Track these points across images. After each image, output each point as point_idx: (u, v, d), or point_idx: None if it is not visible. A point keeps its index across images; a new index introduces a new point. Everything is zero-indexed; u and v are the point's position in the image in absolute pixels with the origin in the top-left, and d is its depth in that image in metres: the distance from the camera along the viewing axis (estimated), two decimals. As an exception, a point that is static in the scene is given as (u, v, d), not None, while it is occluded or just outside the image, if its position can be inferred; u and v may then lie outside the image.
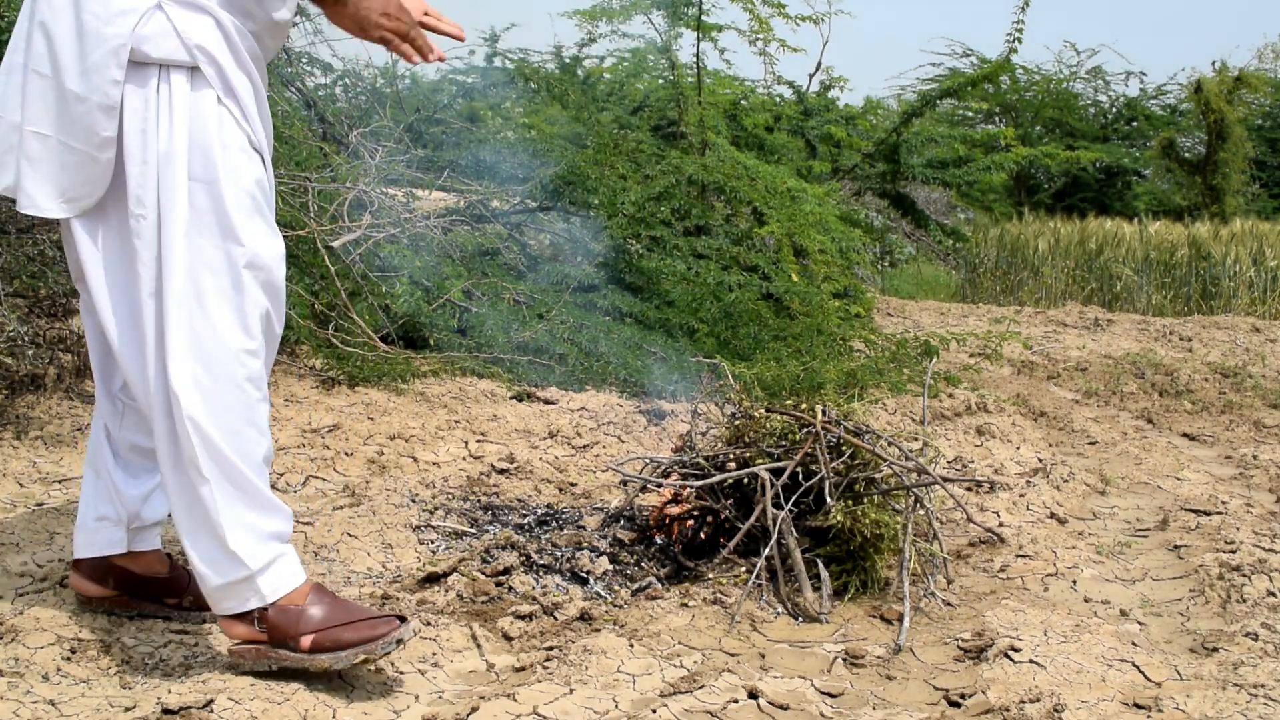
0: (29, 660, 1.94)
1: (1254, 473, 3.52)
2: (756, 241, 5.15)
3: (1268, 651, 2.15)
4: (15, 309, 3.43)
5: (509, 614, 2.29)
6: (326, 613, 1.89)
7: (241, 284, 1.83)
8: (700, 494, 2.62)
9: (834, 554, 2.53)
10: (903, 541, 2.48)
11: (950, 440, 3.81)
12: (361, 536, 2.67)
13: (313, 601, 1.89)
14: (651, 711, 1.93)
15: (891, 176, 7.57)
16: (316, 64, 6.25)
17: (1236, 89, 13.87)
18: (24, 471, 2.91)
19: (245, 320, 1.83)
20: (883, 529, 2.48)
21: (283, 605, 1.87)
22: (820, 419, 2.55)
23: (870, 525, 2.47)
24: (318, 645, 1.86)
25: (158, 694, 1.86)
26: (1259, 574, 2.54)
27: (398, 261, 4.39)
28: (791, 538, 2.47)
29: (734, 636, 2.30)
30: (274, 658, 1.88)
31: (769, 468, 2.53)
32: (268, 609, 1.87)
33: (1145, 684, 2.10)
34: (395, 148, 5.53)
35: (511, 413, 3.77)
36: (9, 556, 2.39)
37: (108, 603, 2.13)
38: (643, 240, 5.12)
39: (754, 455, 2.62)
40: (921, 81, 16.47)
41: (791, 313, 4.78)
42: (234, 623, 1.90)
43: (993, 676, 2.10)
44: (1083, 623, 2.37)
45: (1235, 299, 9.70)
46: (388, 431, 3.41)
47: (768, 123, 6.77)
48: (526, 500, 3.08)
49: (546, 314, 4.50)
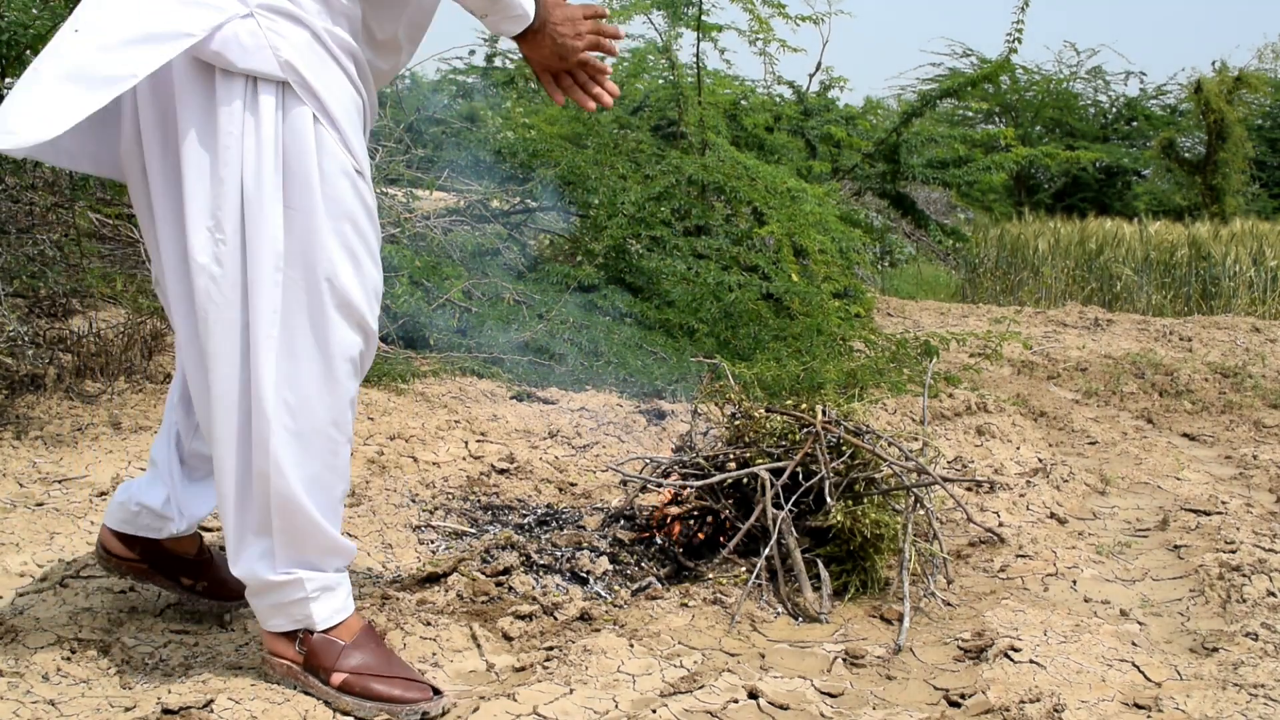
0: (29, 660, 1.94)
1: (1254, 473, 3.52)
2: (756, 241, 5.15)
3: (1268, 651, 2.15)
4: (15, 309, 3.43)
5: (509, 614, 2.29)
6: (366, 659, 1.86)
7: (333, 324, 1.73)
8: (700, 494, 2.62)
9: (834, 554, 2.53)
10: (903, 541, 2.48)
11: (950, 440, 3.81)
12: (361, 536, 2.67)
13: (359, 643, 1.87)
14: (651, 711, 1.93)
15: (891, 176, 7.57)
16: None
17: (1236, 89, 13.89)
18: (24, 471, 2.91)
19: (335, 365, 1.75)
20: (883, 529, 2.48)
21: (330, 636, 1.86)
22: (820, 419, 2.55)
23: (870, 525, 2.47)
24: (346, 686, 1.84)
25: (158, 694, 1.86)
26: (1259, 574, 2.54)
27: (398, 261, 4.39)
28: (791, 538, 2.47)
29: (734, 636, 2.30)
30: (303, 681, 1.87)
31: (769, 468, 2.53)
32: (313, 633, 1.85)
33: (1145, 684, 2.10)
34: (395, 148, 5.53)
35: (511, 413, 3.77)
36: (9, 556, 2.39)
37: (125, 565, 2.10)
38: (643, 240, 5.12)
39: (754, 455, 2.62)
40: (921, 81, 16.49)
41: (791, 313, 4.78)
42: (278, 639, 1.88)
43: (993, 676, 2.10)
44: (1083, 623, 2.37)
45: (1235, 299, 9.71)
46: (388, 431, 3.40)
47: (768, 123, 6.77)
48: (526, 500, 3.08)
49: (546, 314, 4.50)
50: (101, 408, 3.38)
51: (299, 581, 1.81)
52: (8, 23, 3.27)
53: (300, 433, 1.74)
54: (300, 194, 1.69)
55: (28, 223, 3.82)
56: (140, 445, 3.14)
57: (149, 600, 2.25)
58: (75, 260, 3.90)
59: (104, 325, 3.79)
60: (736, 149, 5.69)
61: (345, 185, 1.74)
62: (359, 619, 1.92)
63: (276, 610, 1.85)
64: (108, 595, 2.24)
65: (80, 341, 3.59)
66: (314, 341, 1.73)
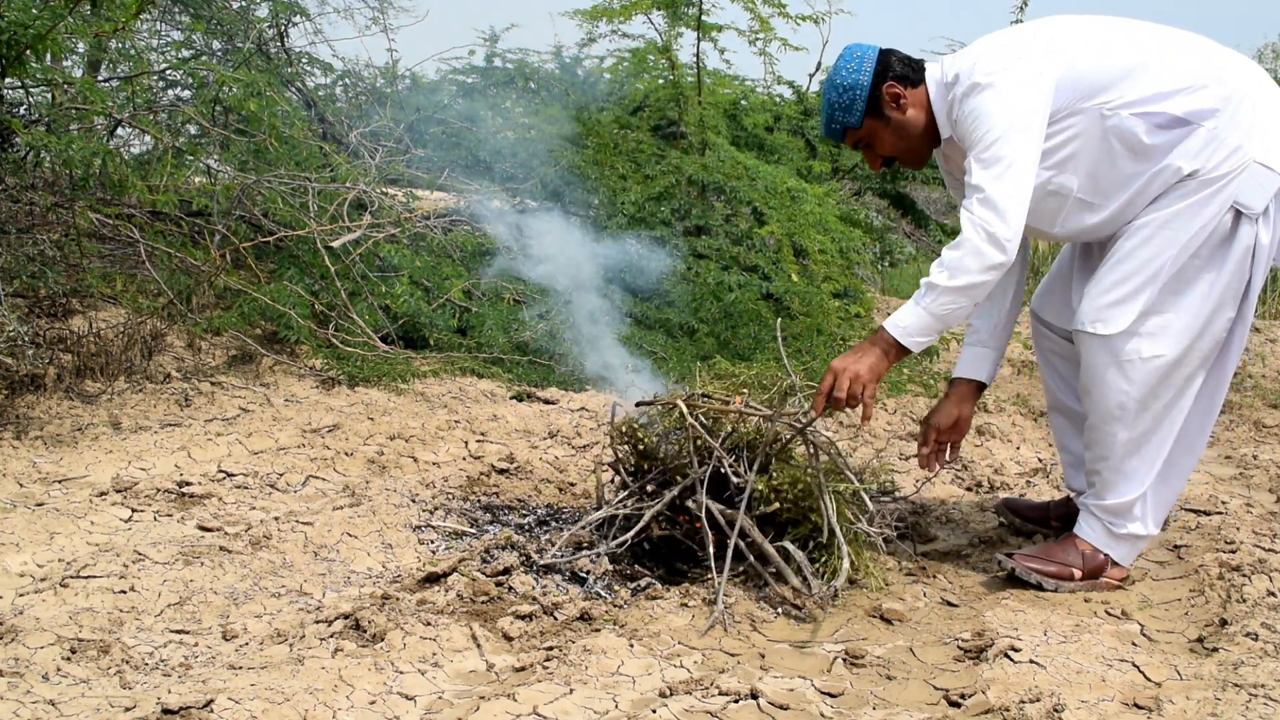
0: (29, 660, 1.94)
1: (1254, 473, 3.52)
2: (756, 241, 5.14)
3: (1268, 651, 2.15)
4: (15, 309, 3.43)
5: (509, 614, 2.29)
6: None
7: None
8: (662, 525, 2.62)
9: (798, 536, 2.52)
10: (818, 489, 2.47)
11: (950, 440, 3.81)
12: (361, 536, 2.67)
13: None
14: (651, 711, 1.93)
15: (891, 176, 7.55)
16: (316, 64, 6.25)
17: (1236, 89, 13.84)
18: (24, 471, 2.91)
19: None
20: (800, 485, 2.49)
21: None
22: (689, 420, 2.54)
23: (789, 486, 2.47)
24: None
25: (158, 694, 1.86)
26: (1259, 574, 2.54)
27: (398, 261, 4.39)
28: (756, 530, 2.48)
29: (734, 636, 2.30)
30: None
31: (674, 491, 2.55)
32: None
33: (1145, 684, 2.10)
34: (395, 148, 5.53)
35: (511, 413, 3.77)
36: (9, 556, 2.39)
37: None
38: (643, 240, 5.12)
39: (675, 470, 2.62)
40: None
41: (791, 313, 4.78)
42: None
43: (993, 676, 2.10)
44: (1083, 623, 2.37)
45: (1235, 299, 9.67)
46: (388, 431, 3.40)
47: (768, 123, 6.75)
48: (526, 500, 3.08)
49: (546, 314, 4.50)
50: (101, 408, 3.38)
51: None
52: (8, 23, 3.26)
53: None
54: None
55: (28, 223, 3.82)
56: (140, 445, 3.14)
57: (149, 600, 2.26)
58: (75, 260, 3.90)
59: (104, 325, 3.78)
60: (736, 149, 5.68)
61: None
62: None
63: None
64: (108, 595, 2.24)
65: (80, 341, 3.59)
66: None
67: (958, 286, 2.33)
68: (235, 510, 2.80)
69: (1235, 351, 2.49)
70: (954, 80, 2.45)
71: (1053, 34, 2.43)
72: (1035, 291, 2.89)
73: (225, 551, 2.52)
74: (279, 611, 2.28)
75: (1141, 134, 2.34)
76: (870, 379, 2.40)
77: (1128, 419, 2.44)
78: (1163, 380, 2.42)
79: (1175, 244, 2.36)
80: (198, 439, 3.21)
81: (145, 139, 4.93)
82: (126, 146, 5.20)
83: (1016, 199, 2.30)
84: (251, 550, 2.54)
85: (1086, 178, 2.42)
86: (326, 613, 2.27)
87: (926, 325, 2.39)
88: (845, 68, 2.51)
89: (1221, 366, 2.49)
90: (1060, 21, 2.48)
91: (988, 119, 2.34)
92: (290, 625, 2.21)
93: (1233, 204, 2.33)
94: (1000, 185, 2.29)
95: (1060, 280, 2.81)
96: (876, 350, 2.41)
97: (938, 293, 2.35)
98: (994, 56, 2.40)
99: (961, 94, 2.42)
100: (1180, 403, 2.46)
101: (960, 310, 2.37)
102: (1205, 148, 2.33)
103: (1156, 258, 2.37)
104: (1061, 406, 2.86)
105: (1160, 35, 2.44)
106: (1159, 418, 2.46)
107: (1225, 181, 2.33)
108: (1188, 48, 2.41)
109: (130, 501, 2.79)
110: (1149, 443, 2.48)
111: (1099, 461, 2.53)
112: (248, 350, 3.95)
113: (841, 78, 2.51)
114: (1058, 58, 2.38)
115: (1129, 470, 2.49)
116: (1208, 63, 2.38)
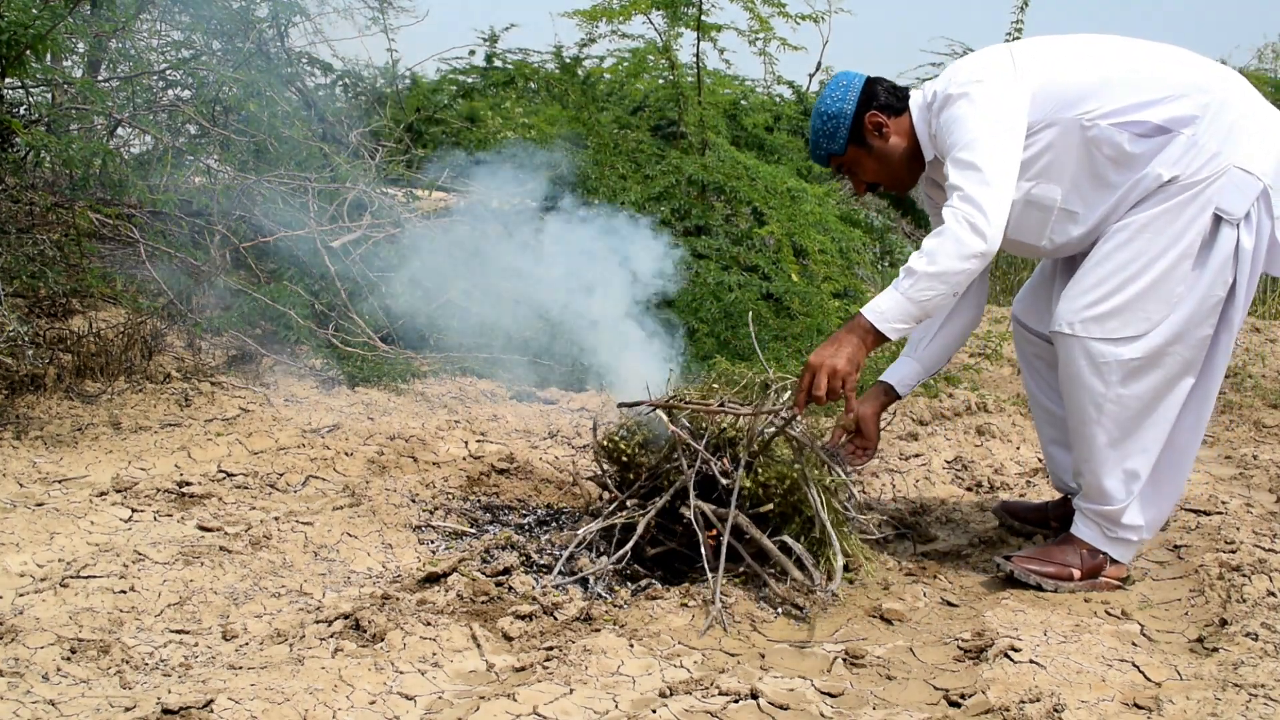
0: (29, 660, 1.94)
1: (1254, 473, 3.52)
2: (756, 241, 5.14)
3: (1268, 651, 2.15)
4: (15, 309, 3.43)
5: (509, 614, 2.29)
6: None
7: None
8: (654, 531, 2.62)
9: (791, 533, 2.52)
10: (803, 483, 2.47)
11: (950, 440, 3.81)
12: (361, 536, 2.67)
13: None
14: (651, 711, 1.93)
15: (891, 176, 7.56)
16: (316, 64, 6.25)
17: (1236, 89, 13.85)
18: (24, 471, 2.91)
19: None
20: (787, 480, 2.49)
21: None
22: (671, 429, 2.54)
23: (775, 481, 2.48)
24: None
25: (158, 694, 1.86)
26: (1259, 574, 2.54)
27: (398, 261, 4.39)
28: (754, 527, 2.47)
29: (734, 636, 2.30)
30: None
31: (661, 499, 2.56)
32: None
33: (1145, 684, 2.10)
34: (395, 148, 5.53)
35: (511, 413, 3.77)
36: (9, 556, 2.39)
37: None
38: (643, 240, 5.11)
39: (665, 475, 2.63)
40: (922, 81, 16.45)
41: (791, 313, 4.77)
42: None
43: (993, 676, 2.10)
44: (1083, 623, 2.37)
45: (1235, 299, 9.69)
46: (388, 431, 3.40)
47: (768, 122, 6.74)
48: (526, 500, 3.08)
49: (547, 314, 4.50)
50: (101, 408, 3.38)
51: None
52: (8, 23, 3.26)
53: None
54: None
55: (28, 223, 3.82)
56: (140, 445, 3.14)
57: (149, 600, 2.26)
58: (75, 260, 3.89)
59: (104, 325, 3.78)
60: (736, 149, 5.68)
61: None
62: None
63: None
64: (108, 595, 2.24)
65: (80, 341, 3.59)
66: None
67: (936, 272, 2.32)
68: (235, 510, 2.80)
69: (1222, 357, 2.47)
70: (933, 99, 2.50)
71: (1031, 51, 2.47)
72: (1017, 296, 2.90)
73: (225, 551, 2.52)
74: (279, 611, 2.28)
75: (1124, 143, 2.36)
76: (849, 370, 2.39)
77: (1105, 421, 2.44)
78: (1140, 383, 2.41)
79: (1155, 247, 2.36)
80: (198, 439, 3.21)
81: (145, 139, 4.92)
82: (126, 146, 5.20)
83: (997, 194, 2.31)
84: (251, 550, 2.54)
85: (1070, 188, 2.44)
86: (326, 613, 2.27)
87: (905, 311, 2.38)
88: (831, 96, 2.58)
89: (1209, 372, 2.48)
90: (1039, 40, 2.53)
91: (965, 122, 2.37)
92: (290, 625, 2.21)
93: (1214, 209, 2.34)
94: (981, 182, 2.31)
95: (1042, 284, 2.82)
96: (853, 338, 2.40)
97: (916, 278, 2.34)
98: (970, 70, 2.44)
99: (938, 107, 2.46)
100: (1162, 408, 2.45)
101: (938, 298, 2.36)
102: (1185, 154, 2.34)
103: (1135, 260, 2.38)
104: (1045, 410, 2.86)
105: (1139, 48, 2.46)
106: (1138, 420, 2.45)
107: (1204, 186, 2.34)
108: (1167, 58, 2.43)
109: (130, 501, 2.79)
110: (1130, 446, 2.47)
111: (1082, 464, 2.53)
112: (248, 350, 3.95)
113: (826, 106, 2.58)
114: (1035, 70, 2.41)
115: (1111, 473, 2.49)
116: (1187, 72, 2.40)
